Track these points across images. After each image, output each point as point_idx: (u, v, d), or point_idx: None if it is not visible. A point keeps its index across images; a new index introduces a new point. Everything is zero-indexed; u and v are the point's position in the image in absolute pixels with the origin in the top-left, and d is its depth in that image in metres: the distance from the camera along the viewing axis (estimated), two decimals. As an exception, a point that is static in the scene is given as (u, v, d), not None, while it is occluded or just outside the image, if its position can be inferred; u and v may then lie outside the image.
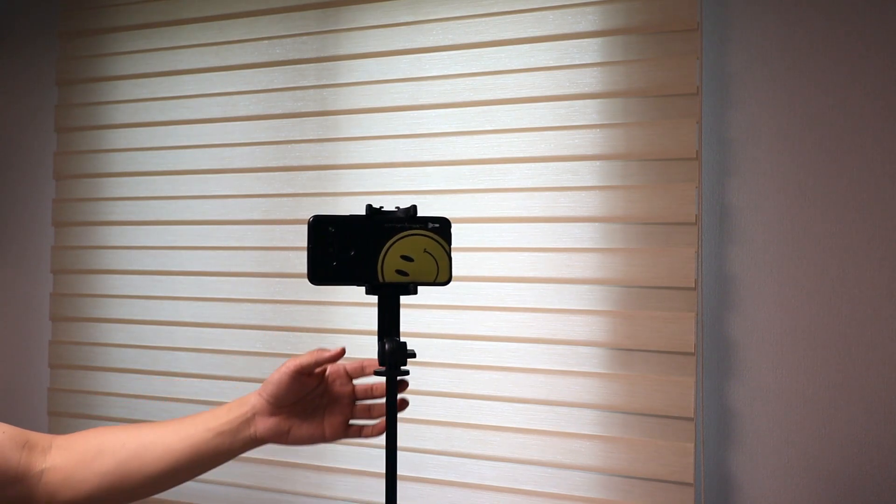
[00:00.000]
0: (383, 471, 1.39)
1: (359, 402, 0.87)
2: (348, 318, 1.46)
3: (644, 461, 1.25)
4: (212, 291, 1.58)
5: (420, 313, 1.41)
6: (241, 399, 0.84)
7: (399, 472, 1.41)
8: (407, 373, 0.75)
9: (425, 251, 0.73)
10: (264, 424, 0.82)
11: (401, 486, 1.41)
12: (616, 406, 1.28)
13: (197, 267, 1.60)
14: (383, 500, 1.40)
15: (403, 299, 1.25)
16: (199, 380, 1.58)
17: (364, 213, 0.73)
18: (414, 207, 0.73)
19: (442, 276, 0.74)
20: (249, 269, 1.55)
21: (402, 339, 0.75)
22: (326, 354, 0.80)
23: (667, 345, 1.24)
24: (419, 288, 0.75)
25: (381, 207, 0.74)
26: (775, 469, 1.24)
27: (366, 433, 0.85)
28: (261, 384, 0.85)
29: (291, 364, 0.80)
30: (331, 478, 1.47)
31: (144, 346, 1.63)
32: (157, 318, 1.63)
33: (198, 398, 1.58)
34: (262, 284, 1.54)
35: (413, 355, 0.74)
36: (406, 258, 0.73)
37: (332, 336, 1.47)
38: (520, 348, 1.34)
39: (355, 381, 0.87)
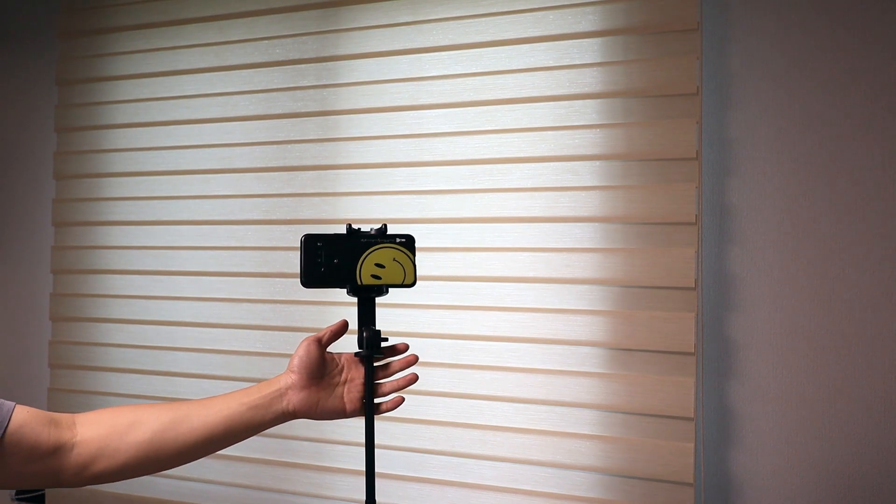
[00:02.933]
0: (383, 470, 1.40)
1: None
2: (344, 317, 1.45)
3: (644, 461, 1.25)
4: (212, 291, 1.58)
5: (420, 313, 1.41)
6: (269, 380, 0.91)
7: (399, 472, 1.41)
8: (407, 348, 0.95)
9: (394, 260, 0.92)
10: (297, 397, 0.89)
11: (401, 486, 1.41)
12: (616, 406, 1.28)
13: (197, 267, 1.60)
14: (383, 500, 1.40)
15: (400, 300, 1.44)
16: (199, 380, 1.58)
17: (345, 231, 0.91)
18: (385, 226, 0.92)
19: (408, 280, 0.92)
20: (249, 269, 1.55)
21: (379, 328, 0.93)
22: (333, 325, 0.94)
23: (667, 345, 1.24)
24: (391, 289, 0.93)
25: (359, 228, 0.93)
26: (775, 469, 1.24)
27: (382, 408, 0.93)
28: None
29: (310, 336, 0.92)
30: (331, 478, 1.47)
31: (144, 346, 1.63)
32: (157, 318, 1.63)
33: (198, 398, 1.57)
34: (262, 284, 1.54)
35: (385, 340, 0.92)
36: (379, 265, 0.91)
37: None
38: (520, 348, 1.34)
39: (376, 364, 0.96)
